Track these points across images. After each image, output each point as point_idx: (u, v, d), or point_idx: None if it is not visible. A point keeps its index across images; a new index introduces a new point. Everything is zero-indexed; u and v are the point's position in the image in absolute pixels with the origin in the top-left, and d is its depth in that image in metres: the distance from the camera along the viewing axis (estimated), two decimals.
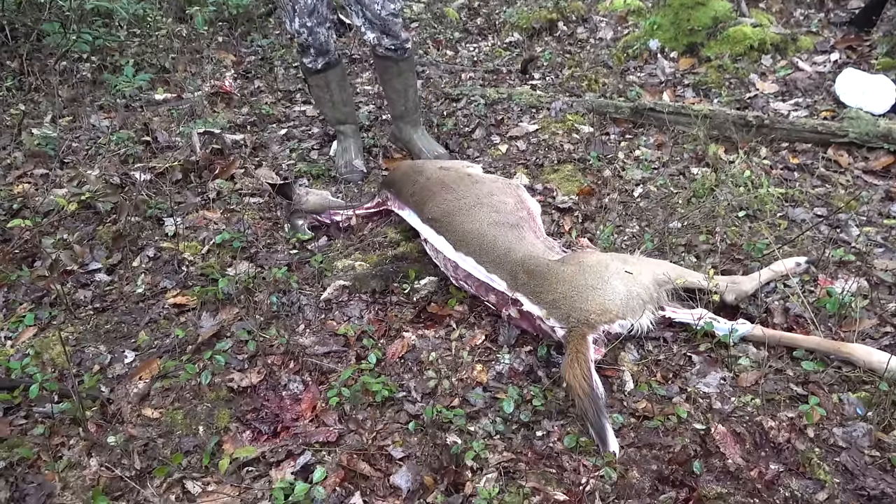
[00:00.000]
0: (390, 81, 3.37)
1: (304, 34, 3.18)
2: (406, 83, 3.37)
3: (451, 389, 2.14)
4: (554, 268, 2.24)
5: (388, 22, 3.12)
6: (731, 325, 2.17)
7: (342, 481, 1.87)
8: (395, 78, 3.34)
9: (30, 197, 3.19)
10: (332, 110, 3.49)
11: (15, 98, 4.29)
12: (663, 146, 3.46)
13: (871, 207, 2.80)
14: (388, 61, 3.27)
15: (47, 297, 2.65)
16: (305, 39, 3.20)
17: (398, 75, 3.33)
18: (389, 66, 3.29)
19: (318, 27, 3.19)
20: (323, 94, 3.44)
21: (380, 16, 3.09)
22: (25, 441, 2.04)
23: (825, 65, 3.92)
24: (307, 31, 3.17)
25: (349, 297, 2.58)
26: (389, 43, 3.18)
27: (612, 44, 4.70)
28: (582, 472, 1.83)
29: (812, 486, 1.72)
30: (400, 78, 3.34)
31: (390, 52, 3.22)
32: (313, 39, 3.19)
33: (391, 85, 3.38)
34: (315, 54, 3.25)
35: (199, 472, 1.95)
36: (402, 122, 3.52)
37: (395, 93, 3.41)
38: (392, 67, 3.30)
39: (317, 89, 3.45)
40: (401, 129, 3.56)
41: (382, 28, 3.13)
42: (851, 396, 1.95)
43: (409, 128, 3.53)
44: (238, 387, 2.21)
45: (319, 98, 3.50)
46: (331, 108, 3.49)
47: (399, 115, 3.50)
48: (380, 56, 3.27)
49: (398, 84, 3.36)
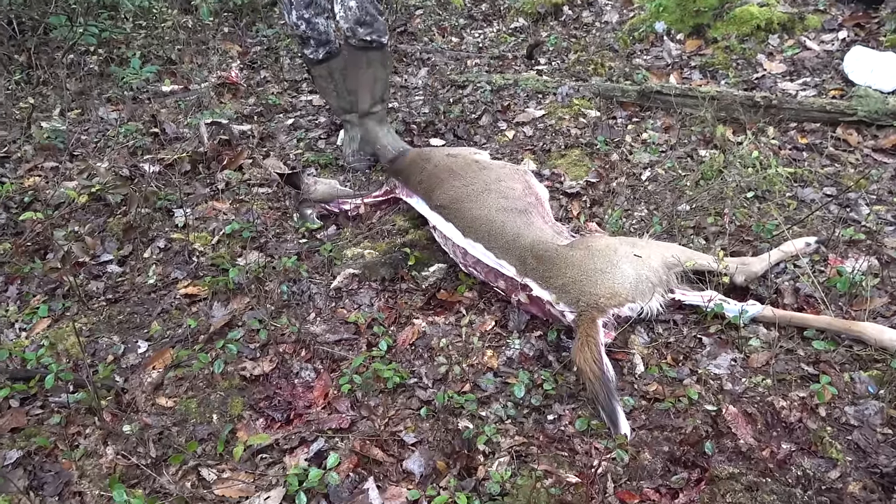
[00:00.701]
0: (360, 73, 3.26)
1: (303, 26, 3.17)
2: (376, 75, 3.26)
3: (462, 375, 2.15)
4: (563, 252, 2.24)
5: (367, 11, 3.06)
6: (741, 307, 2.17)
7: (355, 467, 1.89)
8: (363, 69, 3.24)
9: (40, 190, 3.21)
10: (337, 100, 3.45)
11: (24, 92, 4.31)
12: (671, 129, 3.44)
13: (880, 186, 2.78)
14: (360, 52, 3.17)
15: (60, 289, 2.68)
16: (304, 31, 3.19)
17: (367, 66, 3.22)
18: (359, 56, 3.19)
19: (317, 17, 3.17)
20: (327, 85, 3.40)
21: (361, 6, 3.03)
22: (42, 430, 2.07)
23: (833, 43, 3.88)
24: (305, 23, 3.17)
25: (359, 285, 2.59)
26: (365, 33, 3.09)
27: (618, 27, 4.67)
28: (594, 455, 1.84)
29: (824, 464, 1.73)
30: (369, 70, 3.23)
31: (364, 43, 3.12)
32: (312, 30, 3.18)
33: (361, 78, 3.27)
34: (315, 45, 3.24)
35: (213, 460, 1.97)
36: (369, 119, 3.36)
37: (364, 86, 3.29)
38: (362, 58, 3.19)
39: (320, 80, 3.42)
40: (367, 129, 3.39)
41: (358, 18, 3.05)
42: (863, 375, 1.95)
43: (375, 125, 3.37)
44: (250, 375, 2.23)
45: (324, 88, 3.46)
46: (336, 98, 3.44)
47: (365, 112, 3.35)
48: (353, 46, 3.16)
49: (366, 76, 3.25)
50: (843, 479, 1.68)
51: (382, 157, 3.28)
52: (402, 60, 4.72)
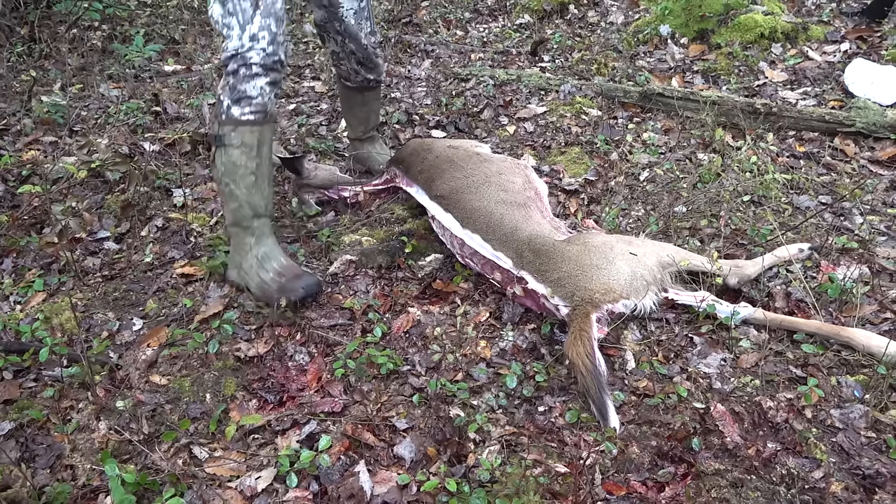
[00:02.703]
0: (354, 109, 3.13)
1: (265, 43, 2.24)
2: (370, 109, 3.14)
3: (455, 364, 2.17)
4: (559, 247, 2.26)
5: (370, 54, 2.87)
6: (733, 308, 2.20)
7: (347, 450, 1.90)
8: (359, 107, 3.11)
9: (39, 164, 3.21)
10: (250, 193, 2.36)
11: (25, 65, 4.30)
12: (671, 131, 3.47)
13: (875, 196, 2.82)
14: (357, 92, 3.04)
15: (56, 264, 2.68)
16: (264, 52, 2.24)
17: (363, 104, 3.10)
18: (355, 95, 3.05)
19: (281, 43, 2.30)
20: (243, 164, 2.32)
21: (364, 47, 2.84)
22: (35, 403, 2.07)
23: (835, 55, 3.92)
24: (269, 38, 2.24)
25: (355, 271, 2.60)
26: (367, 75, 2.94)
27: (623, 28, 4.69)
28: (583, 447, 1.86)
29: (808, 464, 1.76)
30: (365, 107, 3.12)
31: (363, 84, 2.98)
32: (271, 56, 2.25)
33: (354, 112, 3.15)
34: (266, 84, 2.28)
35: (205, 438, 1.98)
36: (360, 143, 3.27)
37: (356, 119, 3.17)
38: (357, 97, 3.06)
39: (237, 153, 2.30)
40: (357, 148, 3.29)
41: (363, 60, 2.88)
42: (850, 379, 1.98)
43: (366, 145, 3.27)
44: (245, 356, 2.24)
45: (232, 172, 2.33)
46: (250, 189, 2.36)
47: (357, 138, 3.25)
48: (350, 87, 3.00)
49: (362, 112, 3.13)
50: (826, 480, 1.71)
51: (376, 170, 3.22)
52: (407, 51, 4.73)
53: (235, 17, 2.23)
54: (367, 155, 3.27)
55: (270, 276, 2.40)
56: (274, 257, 2.44)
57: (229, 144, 2.30)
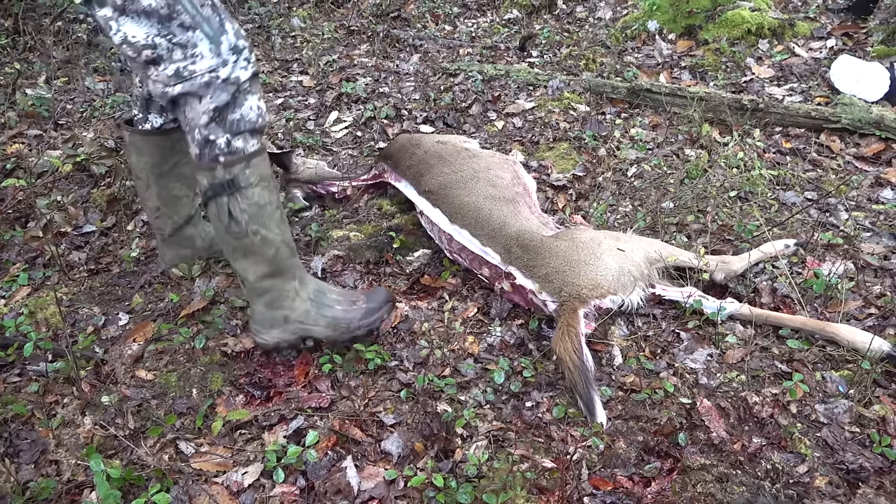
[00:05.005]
0: None
1: (248, 52, 1.82)
2: None
3: (443, 359, 2.17)
4: (547, 243, 2.26)
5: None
6: (719, 304, 2.21)
7: (334, 445, 1.90)
8: None
9: (23, 157, 3.18)
10: (282, 227, 2.00)
11: (9, 57, 4.25)
12: (658, 127, 3.48)
13: (860, 192, 2.84)
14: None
15: (41, 258, 2.66)
16: (248, 63, 1.81)
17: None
18: None
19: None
20: (270, 197, 1.95)
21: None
22: (19, 398, 2.05)
23: (821, 51, 3.94)
24: (247, 43, 1.84)
25: (343, 266, 2.60)
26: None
27: (611, 24, 4.70)
28: (569, 442, 1.87)
29: (793, 459, 1.77)
30: None
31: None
32: (254, 65, 1.84)
33: None
34: (258, 99, 1.87)
35: (192, 434, 1.97)
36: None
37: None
38: None
39: (259, 191, 1.90)
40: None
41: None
42: (834, 374, 2.00)
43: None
44: (232, 352, 2.23)
45: (261, 212, 1.93)
46: (280, 224, 1.99)
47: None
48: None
49: None
50: (811, 474, 1.73)
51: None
52: (395, 46, 4.71)
53: (199, 29, 1.71)
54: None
55: (339, 309, 2.10)
56: (327, 289, 2.14)
57: (247, 186, 1.87)
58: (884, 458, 1.75)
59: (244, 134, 1.84)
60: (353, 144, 3.56)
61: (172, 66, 1.71)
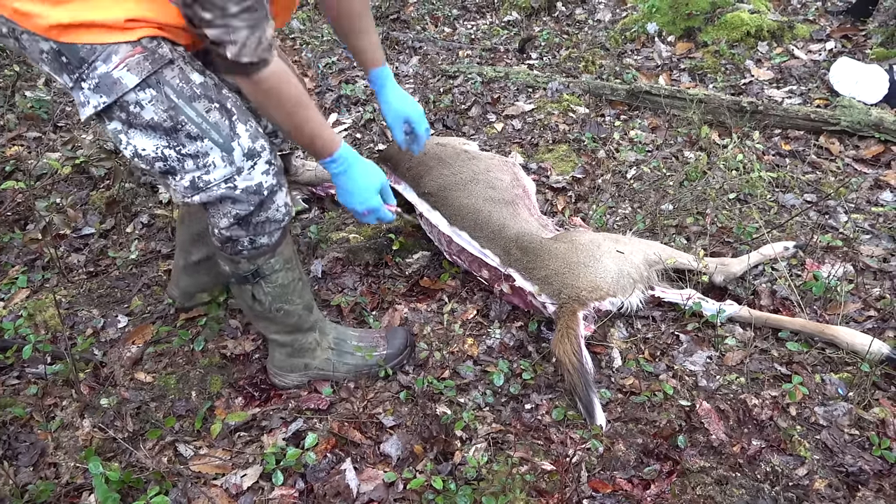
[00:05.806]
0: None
1: (267, 153, 1.70)
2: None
3: (442, 361, 2.17)
4: (547, 245, 2.26)
5: None
6: (718, 306, 2.21)
7: (333, 448, 1.90)
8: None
9: (23, 160, 3.17)
10: (304, 296, 2.01)
11: (8, 59, 4.25)
12: (658, 129, 3.48)
13: (859, 195, 2.84)
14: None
15: (40, 260, 2.66)
16: (270, 165, 1.70)
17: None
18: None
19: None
20: (293, 275, 1.94)
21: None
22: (18, 401, 2.05)
23: (820, 53, 3.94)
24: (265, 143, 1.70)
25: (343, 268, 2.60)
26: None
27: (610, 26, 4.70)
28: (569, 444, 1.87)
29: (792, 461, 1.77)
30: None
31: None
32: (277, 162, 1.73)
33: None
34: (286, 193, 1.78)
35: (191, 436, 1.98)
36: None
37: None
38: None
39: (283, 275, 1.90)
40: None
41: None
42: (834, 377, 2.00)
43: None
44: (231, 354, 2.23)
45: (285, 292, 1.93)
46: (302, 294, 2.00)
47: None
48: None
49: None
50: (810, 477, 1.73)
51: None
52: (394, 48, 4.71)
53: (207, 138, 1.60)
54: None
55: (360, 356, 2.12)
56: (347, 336, 2.14)
57: (271, 272, 1.86)
58: (883, 461, 1.75)
59: (270, 233, 1.79)
60: (353, 146, 3.55)
61: (188, 177, 1.63)
